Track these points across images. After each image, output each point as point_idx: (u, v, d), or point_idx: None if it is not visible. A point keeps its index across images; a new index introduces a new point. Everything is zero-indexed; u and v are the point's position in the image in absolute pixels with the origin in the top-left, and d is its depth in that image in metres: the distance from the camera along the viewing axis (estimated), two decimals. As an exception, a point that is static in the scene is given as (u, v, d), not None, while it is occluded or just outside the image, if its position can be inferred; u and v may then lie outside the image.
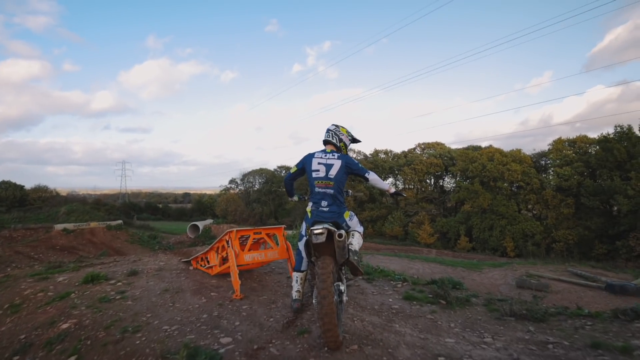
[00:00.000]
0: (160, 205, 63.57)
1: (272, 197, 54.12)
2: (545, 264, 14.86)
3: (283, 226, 4.49)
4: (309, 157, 3.20)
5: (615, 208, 27.29)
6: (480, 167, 32.68)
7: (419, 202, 38.67)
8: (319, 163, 3.12)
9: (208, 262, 4.80)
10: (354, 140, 3.46)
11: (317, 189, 3.08)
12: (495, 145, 39.97)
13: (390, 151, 46.60)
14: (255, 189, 59.18)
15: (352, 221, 3.18)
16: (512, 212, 30.82)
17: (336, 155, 3.14)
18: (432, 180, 43.29)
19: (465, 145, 43.23)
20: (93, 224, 16.22)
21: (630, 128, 26.76)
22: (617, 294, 9.82)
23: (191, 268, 5.24)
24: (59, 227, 16.07)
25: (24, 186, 38.49)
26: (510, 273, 12.72)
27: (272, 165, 64.87)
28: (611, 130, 28.33)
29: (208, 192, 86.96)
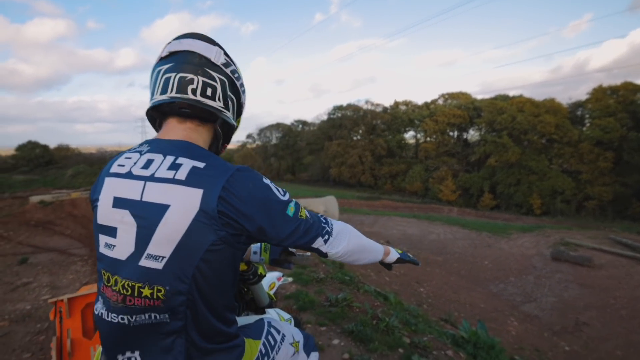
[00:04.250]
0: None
1: (289, 151, 53.51)
2: (582, 229, 13.70)
3: None
4: (99, 181, 0.86)
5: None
6: (509, 119, 30.32)
7: (440, 157, 36.99)
8: (115, 201, 0.78)
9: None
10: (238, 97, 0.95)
11: (103, 303, 0.80)
12: (524, 94, 36.70)
13: (410, 102, 44.15)
14: (272, 143, 58.47)
15: None
16: (543, 167, 28.96)
17: (185, 166, 0.75)
18: (455, 133, 41.01)
19: (491, 95, 40.10)
20: (74, 194, 14.18)
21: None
22: (670, 269, 8.76)
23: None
24: (34, 199, 14.30)
25: (48, 146, 38.82)
26: (543, 240, 11.70)
27: (290, 120, 63.29)
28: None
29: (230, 147, 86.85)
